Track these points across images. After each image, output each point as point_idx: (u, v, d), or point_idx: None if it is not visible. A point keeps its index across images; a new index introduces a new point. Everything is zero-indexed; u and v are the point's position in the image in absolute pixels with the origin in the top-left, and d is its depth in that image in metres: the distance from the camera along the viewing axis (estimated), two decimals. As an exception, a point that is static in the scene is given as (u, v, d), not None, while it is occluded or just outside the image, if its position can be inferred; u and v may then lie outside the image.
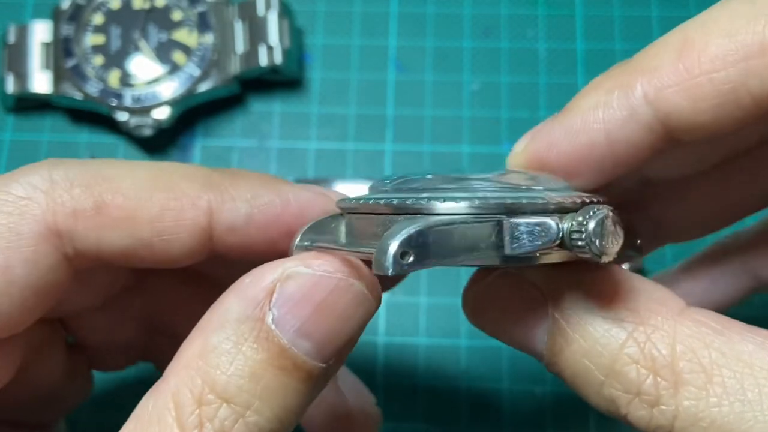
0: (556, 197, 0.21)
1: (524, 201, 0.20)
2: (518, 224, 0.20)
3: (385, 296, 0.42)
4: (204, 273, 0.31)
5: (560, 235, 0.20)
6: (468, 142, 0.46)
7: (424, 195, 0.21)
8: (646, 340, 0.21)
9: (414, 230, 0.20)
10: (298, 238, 0.25)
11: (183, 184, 0.25)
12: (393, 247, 0.19)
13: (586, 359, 0.22)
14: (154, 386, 0.22)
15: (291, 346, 0.21)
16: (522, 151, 0.25)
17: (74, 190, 0.24)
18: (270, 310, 0.21)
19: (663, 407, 0.20)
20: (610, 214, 0.20)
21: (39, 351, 0.29)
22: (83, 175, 0.25)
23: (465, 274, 0.43)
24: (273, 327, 0.21)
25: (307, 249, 0.24)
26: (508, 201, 0.20)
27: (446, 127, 0.46)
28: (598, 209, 0.20)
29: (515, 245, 0.20)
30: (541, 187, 0.22)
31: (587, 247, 0.20)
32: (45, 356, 0.29)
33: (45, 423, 0.32)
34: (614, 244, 0.20)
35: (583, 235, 0.20)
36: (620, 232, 0.20)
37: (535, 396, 0.41)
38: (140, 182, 0.25)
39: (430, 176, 0.22)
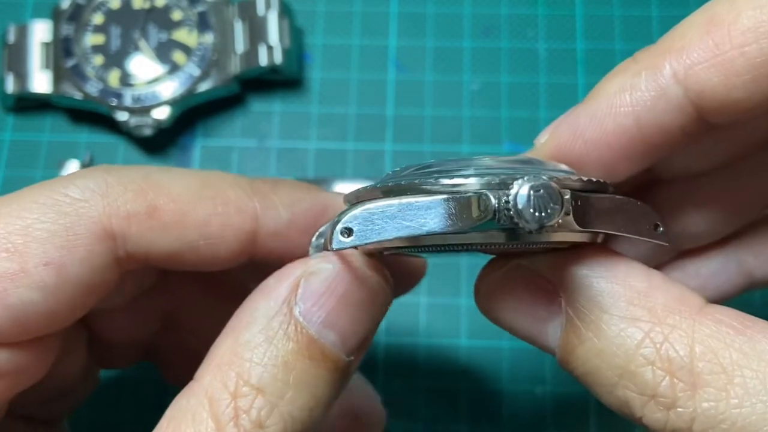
0: (557, 176, 0.21)
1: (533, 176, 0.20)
2: (458, 199, 0.20)
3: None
4: (220, 277, 0.31)
5: (495, 208, 0.20)
6: (468, 142, 0.46)
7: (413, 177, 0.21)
8: (663, 340, 0.20)
9: (358, 210, 0.20)
10: (314, 238, 0.26)
11: (229, 191, 0.27)
12: (338, 225, 0.21)
13: (600, 358, 0.21)
14: (187, 387, 0.22)
15: (319, 337, 0.22)
16: (545, 143, 0.25)
17: (128, 194, 0.25)
18: (296, 304, 0.22)
19: (680, 409, 0.20)
20: (550, 183, 0.19)
21: (67, 348, 0.29)
22: (136, 180, 0.26)
23: (465, 273, 0.43)
24: (301, 319, 0.22)
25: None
26: (505, 176, 0.20)
27: (446, 127, 0.46)
28: (531, 177, 0.19)
29: (450, 221, 0.20)
30: (548, 169, 0.22)
31: (514, 219, 0.19)
32: (71, 353, 0.30)
33: (53, 419, 0.33)
34: (545, 215, 0.19)
35: (510, 204, 0.19)
36: (555, 205, 0.19)
37: (535, 396, 0.41)
38: (189, 188, 0.26)
39: (433, 161, 0.23)
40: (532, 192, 0.19)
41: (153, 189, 0.26)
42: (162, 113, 0.45)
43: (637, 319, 0.21)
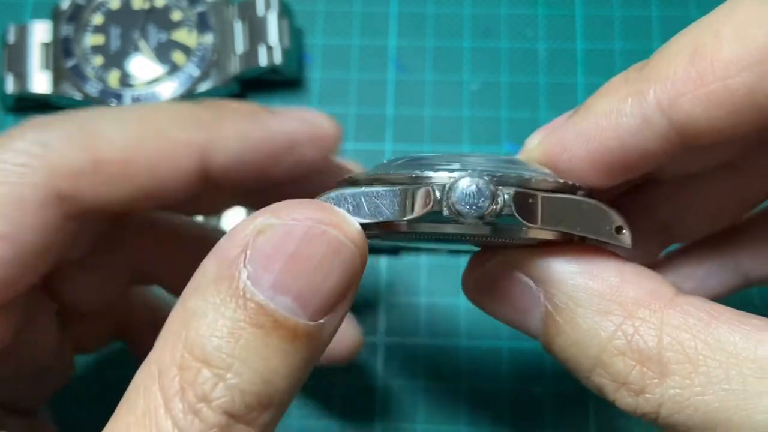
0: (539, 176, 0.22)
1: (513, 174, 0.22)
2: (407, 190, 0.21)
3: (385, 296, 0.43)
4: (194, 229, 0.32)
5: (438, 200, 0.21)
6: (468, 142, 0.46)
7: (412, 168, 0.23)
8: (634, 332, 0.22)
9: (328, 195, 0.22)
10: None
11: (173, 130, 0.26)
12: None
13: (576, 348, 0.22)
14: (148, 356, 0.22)
15: (269, 302, 0.20)
16: (535, 149, 0.25)
17: (68, 152, 0.25)
18: (245, 267, 0.20)
19: (648, 395, 0.21)
20: (484, 181, 0.21)
21: (30, 320, 0.29)
22: (74, 134, 0.25)
23: (465, 274, 0.43)
24: (248, 284, 0.20)
25: None
26: (498, 173, 0.22)
27: (446, 127, 0.46)
28: (472, 173, 0.21)
29: (401, 211, 0.21)
30: (527, 169, 0.23)
31: (447, 212, 0.21)
32: (35, 326, 0.30)
33: (28, 407, 0.32)
34: (474, 209, 0.21)
35: (445, 197, 0.21)
36: (485, 200, 0.21)
37: (535, 396, 0.41)
38: (131, 133, 0.26)
39: (426, 153, 0.24)
40: (465, 186, 0.21)
41: (94, 141, 0.25)
42: (162, 113, 0.45)
43: (610, 312, 0.22)
